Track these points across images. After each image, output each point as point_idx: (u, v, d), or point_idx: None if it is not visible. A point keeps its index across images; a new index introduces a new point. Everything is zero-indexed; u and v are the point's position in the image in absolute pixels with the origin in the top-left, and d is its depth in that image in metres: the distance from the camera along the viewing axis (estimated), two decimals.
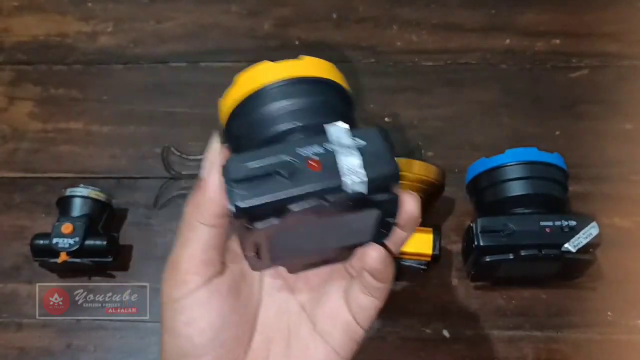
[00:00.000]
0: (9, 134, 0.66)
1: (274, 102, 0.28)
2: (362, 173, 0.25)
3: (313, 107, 0.28)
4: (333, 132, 0.26)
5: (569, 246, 0.51)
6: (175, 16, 0.71)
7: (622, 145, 0.63)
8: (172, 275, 0.29)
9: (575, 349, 0.56)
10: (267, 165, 0.25)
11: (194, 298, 0.28)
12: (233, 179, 0.25)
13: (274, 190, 0.25)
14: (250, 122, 0.29)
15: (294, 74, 0.28)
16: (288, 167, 0.25)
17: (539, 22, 0.69)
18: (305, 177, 0.25)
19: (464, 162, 0.59)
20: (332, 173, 0.25)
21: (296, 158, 0.25)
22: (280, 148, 0.26)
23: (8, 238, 0.62)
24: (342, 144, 0.26)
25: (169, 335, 0.29)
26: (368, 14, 0.70)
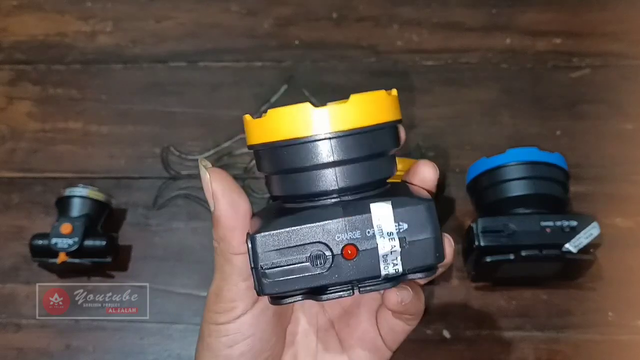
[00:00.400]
0: (8, 133, 0.66)
1: (312, 158, 0.24)
2: (399, 265, 0.24)
3: (360, 165, 0.25)
4: (375, 214, 0.24)
5: (569, 246, 0.51)
6: (174, 15, 0.71)
7: (623, 145, 0.63)
8: (217, 305, 0.29)
9: (576, 350, 0.55)
10: (299, 250, 0.24)
11: (238, 323, 0.28)
12: (261, 266, 0.24)
13: (303, 280, 0.24)
14: (281, 170, 0.25)
15: (339, 126, 0.24)
16: (321, 259, 0.24)
17: (540, 22, 0.68)
18: (339, 267, 0.24)
19: (464, 162, 0.59)
20: (367, 264, 0.24)
21: (332, 244, 0.24)
22: (315, 229, 0.24)
23: (7, 238, 0.62)
24: (383, 230, 0.24)
25: (208, 352, 0.29)
26: (368, 13, 0.70)
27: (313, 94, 0.66)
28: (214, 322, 0.29)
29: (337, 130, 0.24)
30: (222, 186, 0.26)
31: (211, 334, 0.29)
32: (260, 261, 0.24)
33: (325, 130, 0.24)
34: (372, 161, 0.25)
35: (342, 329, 0.32)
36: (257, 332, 0.29)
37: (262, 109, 0.65)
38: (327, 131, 0.24)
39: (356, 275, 0.24)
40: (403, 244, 0.24)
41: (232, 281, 0.28)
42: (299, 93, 0.66)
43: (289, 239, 0.24)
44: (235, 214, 0.26)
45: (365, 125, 0.25)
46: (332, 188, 0.25)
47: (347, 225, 0.24)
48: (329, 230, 0.24)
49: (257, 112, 0.65)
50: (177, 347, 0.57)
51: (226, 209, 0.26)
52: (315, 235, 0.24)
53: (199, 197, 0.62)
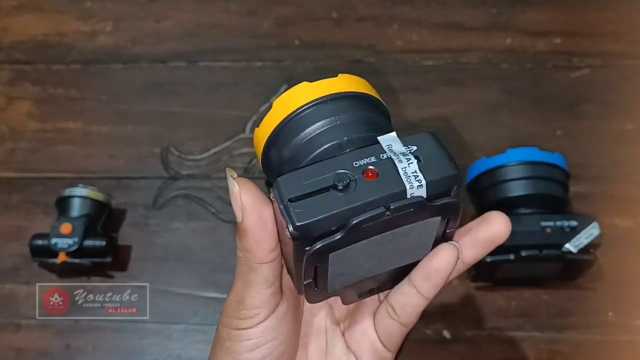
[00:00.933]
0: (7, 133, 0.66)
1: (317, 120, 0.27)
2: (420, 177, 0.24)
3: (357, 121, 0.27)
4: (385, 142, 0.25)
5: (569, 246, 0.51)
6: (174, 15, 0.71)
7: (623, 145, 0.63)
8: (240, 311, 0.28)
9: (576, 350, 0.55)
10: (321, 180, 0.24)
11: (261, 327, 0.28)
12: (288, 199, 0.24)
13: (333, 204, 0.24)
14: (294, 144, 0.27)
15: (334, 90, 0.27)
16: (344, 180, 0.24)
17: (540, 22, 0.68)
18: (363, 188, 0.24)
19: (464, 162, 0.59)
20: (390, 180, 0.24)
21: (351, 170, 0.24)
22: (334, 162, 0.25)
23: (6, 238, 0.61)
24: (396, 151, 0.25)
25: (227, 355, 0.29)
26: (368, 13, 0.70)
27: None
28: (235, 327, 0.29)
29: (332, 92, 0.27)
30: (251, 197, 0.26)
31: (232, 337, 0.29)
32: (287, 196, 0.24)
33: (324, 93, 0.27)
34: (370, 121, 0.27)
35: (346, 329, 0.32)
36: (278, 336, 0.29)
37: (261, 109, 0.65)
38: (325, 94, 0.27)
39: (383, 191, 0.24)
40: (418, 159, 0.25)
41: (256, 289, 0.28)
42: None
43: (309, 174, 0.24)
44: (263, 226, 0.26)
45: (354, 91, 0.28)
46: (342, 137, 0.26)
47: (361, 154, 0.25)
48: (345, 162, 0.25)
49: (257, 112, 0.65)
50: (177, 347, 0.57)
51: (255, 222, 0.26)
52: (334, 166, 0.25)
53: (198, 197, 0.62)
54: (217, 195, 0.63)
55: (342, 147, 0.26)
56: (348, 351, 0.32)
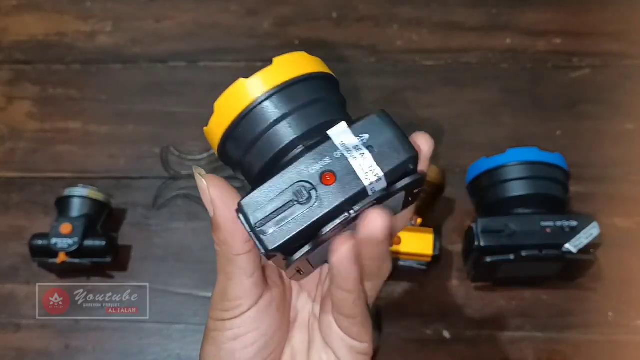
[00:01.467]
0: (7, 133, 0.66)
1: (262, 121, 0.26)
2: (376, 170, 0.24)
3: (304, 111, 0.26)
4: (336, 136, 0.25)
5: (569, 246, 0.51)
6: (174, 15, 0.71)
7: (623, 145, 0.63)
8: (223, 303, 0.29)
9: (576, 350, 0.55)
10: (282, 196, 0.24)
11: (244, 318, 0.29)
12: (255, 224, 0.24)
13: (298, 221, 0.24)
14: (245, 147, 0.27)
15: (272, 83, 0.26)
16: (303, 194, 0.24)
17: (540, 22, 0.68)
18: (324, 195, 0.24)
19: (464, 162, 0.59)
20: (348, 181, 0.24)
21: (309, 178, 0.24)
22: (291, 172, 0.25)
23: (6, 238, 0.61)
24: (348, 145, 0.25)
25: (212, 346, 0.30)
26: (368, 13, 0.70)
27: None
28: (220, 318, 0.29)
29: (272, 87, 0.26)
30: (219, 192, 0.27)
31: (216, 328, 0.29)
32: (252, 221, 0.25)
33: (263, 91, 0.26)
34: (313, 107, 0.26)
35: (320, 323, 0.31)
36: (261, 327, 0.29)
37: None
38: (265, 91, 0.26)
39: (343, 195, 0.24)
40: (371, 150, 0.24)
41: (236, 280, 0.28)
42: None
43: (270, 192, 0.25)
44: (234, 219, 0.26)
45: (293, 78, 0.26)
46: (291, 138, 0.26)
47: (315, 158, 0.25)
48: (301, 169, 0.25)
49: None
50: (176, 347, 0.57)
51: (225, 214, 0.27)
52: (291, 178, 0.24)
53: (198, 197, 0.62)
54: None
55: (296, 146, 0.26)
56: (326, 346, 0.31)
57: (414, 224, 0.54)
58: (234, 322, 0.29)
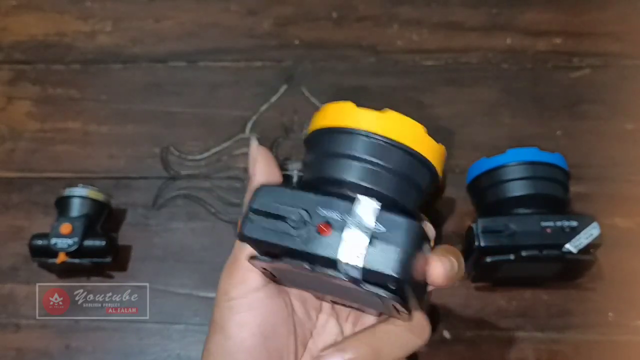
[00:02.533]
0: (7, 133, 0.66)
1: (346, 147, 0.27)
2: (360, 259, 0.24)
3: (374, 170, 0.27)
4: (360, 206, 0.25)
5: (569, 247, 0.51)
6: (174, 15, 0.71)
7: (623, 146, 0.63)
8: (232, 273, 0.29)
9: (577, 350, 0.55)
10: (287, 209, 0.26)
11: (250, 299, 0.29)
12: (253, 209, 0.26)
13: (277, 236, 0.26)
14: (317, 152, 0.28)
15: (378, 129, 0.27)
16: (299, 223, 0.25)
17: (540, 22, 0.68)
18: (309, 236, 0.25)
19: (464, 162, 0.59)
20: (333, 244, 0.25)
21: (313, 214, 0.25)
22: (307, 199, 0.26)
23: (6, 238, 0.61)
24: (361, 222, 0.25)
25: (219, 334, 0.29)
26: (368, 12, 0.70)
27: (313, 94, 0.66)
28: (226, 295, 0.29)
29: (373, 131, 0.27)
30: (265, 158, 0.28)
31: (223, 312, 0.29)
32: (255, 205, 0.26)
33: (369, 127, 0.27)
34: (388, 174, 0.27)
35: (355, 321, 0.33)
36: (267, 315, 0.29)
37: (262, 109, 0.65)
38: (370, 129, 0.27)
39: (320, 251, 0.25)
40: (372, 242, 0.24)
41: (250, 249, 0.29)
42: (299, 93, 0.66)
43: (284, 199, 0.26)
44: (267, 176, 0.28)
45: (396, 140, 0.27)
46: (341, 176, 0.27)
47: (332, 204, 0.25)
48: (316, 203, 0.26)
49: (257, 112, 0.65)
50: (176, 347, 0.57)
51: (264, 174, 0.28)
52: (304, 203, 0.26)
53: (198, 197, 0.62)
54: (217, 195, 0.62)
55: (342, 186, 0.27)
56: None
57: None
58: (241, 302, 0.29)
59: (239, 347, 0.29)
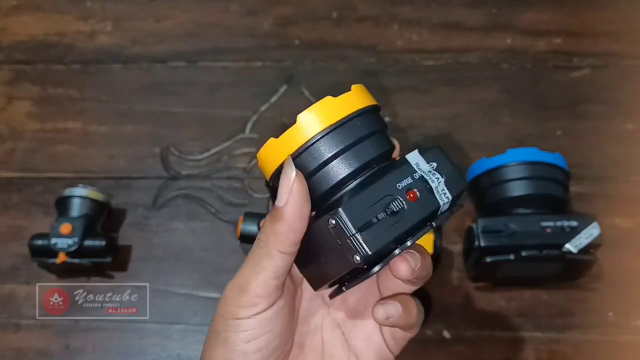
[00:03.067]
0: (7, 133, 0.66)
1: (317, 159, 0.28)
2: (447, 194, 0.28)
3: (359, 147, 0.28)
4: (413, 160, 0.28)
5: (570, 247, 0.51)
6: (174, 15, 0.71)
7: (623, 146, 0.62)
8: (241, 298, 0.29)
9: (577, 350, 0.55)
10: (377, 206, 0.27)
11: (258, 319, 0.29)
12: (358, 228, 0.26)
13: (391, 230, 0.27)
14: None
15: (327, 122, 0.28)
16: (396, 207, 0.27)
17: (540, 22, 0.68)
18: (410, 210, 0.27)
19: (464, 162, 0.59)
20: (428, 200, 0.27)
21: (397, 193, 0.27)
22: (382, 186, 0.27)
23: (6, 238, 0.61)
24: (424, 170, 0.28)
25: (223, 347, 0.29)
26: (368, 13, 0.70)
27: (313, 94, 0.66)
28: (233, 316, 0.29)
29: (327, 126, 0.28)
30: (302, 189, 0.27)
31: (229, 329, 0.29)
32: (354, 225, 0.26)
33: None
34: (381, 134, 0.29)
35: (349, 330, 0.32)
36: (275, 329, 0.29)
37: (262, 109, 0.65)
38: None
39: (424, 212, 0.27)
40: (442, 176, 0.28)
41: (264, 277, 0.28)
42: (299, 93, 0.66)
43: (365, 202, 0.27)
44: (302, 218, 0.27)
45: (367, 106, 0.29)
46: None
47: (399, 175, 0.27)
48: (390, 185, 0.27)
49: (257, 112, 0.65)
50: (176, 347, 0.57)
51: (296, 211, 0.27)
52: (383, 191, 0.27)
53: (199, 197, 0.62)
54: (217, 195, 0.62)
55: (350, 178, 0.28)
56: (349, 351, 0.32)
57: None
58: (250, 322, 0.29)
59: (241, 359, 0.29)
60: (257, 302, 0.29)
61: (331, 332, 0.33)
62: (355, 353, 0.32)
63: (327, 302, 0.33)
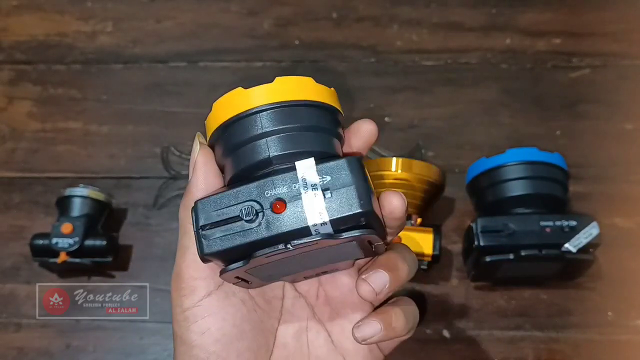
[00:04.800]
0: (8, 133, 0.66)
1: (249, 130, 0.27)
2: (324, 214, 0.25)
3: (293, 135, 0.27)
4: (301, 169, 0.26)
5: (569, 246, 0.51)
6: (174, 15, 0.71)
7: (622, 145, 0.63)
8: (179, 285, 0.29)
9: (576, 349, 0.56)
10: (233, 209, 0.25)
11: (205, 306, 0.28)
12: (200, 226, 0.26)
13: (238, 237, 0.25)
14: (227, 149, 0.28)
15: (271, 98, 0.27)
16: (251, 213, 0.25)
17: (539, 22, 0.69)
18: (270, 221, 0.25)
19: (464, 162, 0.59)
20: (296, 216, 0.25)
21: (262, 200, 0.25)
22: (248, 190, 0.26)
23: (7, 238, 0.62)
24: (308, 182, 0.25)
25: (183, 346, 0.29)
26: (368, 13, 0.70)
27: None
28: (180, 307, 0.29)
29: (263, 103, 0.27)
30: (205, 161, 0.27)
31: (181, 326, 0.29)
32: (201, 222, 0.26)
33: (255, 104, 0.27)
34: (300, 133, 0.27)
35: (334, 330, 0.32)
36: (226, 317, 0.28)
37: None
38: (256, 105, 0.27)
39: (286, 227, 0.25)
40: (326, 194, 0.25)
41: (190, 256, 0.28)
42: None
43: (225, 201, 0.26)
44: (206, 190, 0.27)
45: (288, 100, 0.27)
46: (264, 156, 0.27)
47: (275, 183, 0.25)
48: (259, 189, 0.25)
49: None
50: None
51: (200, 182, 0.27)
52: (247, 194, 0.26)
53: None
54: None
55: (270, 163, 0.27)
56: (336, 352, 0.31)
57: (414, 223, 0.54)
58: (196, 312, 0.28)
59: (205, 353, 0.28)
60: (195, 285, 0.28)
61: (316, 332, 0.32)
62: (342, 354, 0.31)
63: (311, 302, 0.32)
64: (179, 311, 0.29)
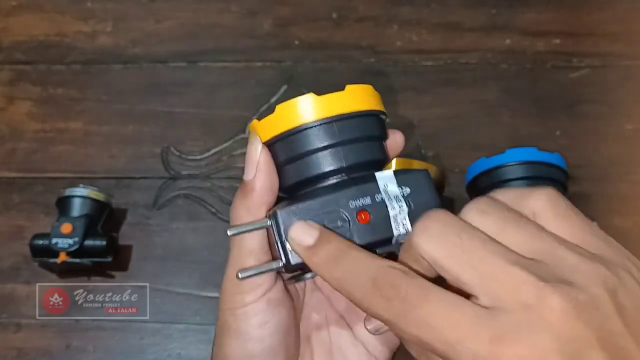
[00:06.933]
0: (8, 134, 0.66)
1: (316, 141, 0.27)
2: (407, 225, 0.26)
3: (357, 145, 0.27)
4: (382, 180, 0.26)
5: None
6: (174, 16, 0.71)
7: (623, 146, 0.63)
8: (241, 285, 0.28)
9: None
10: (316, 218, 0.26)
11: (267, 299, 0.28)
12: (286, 236, 0.26)
13: None
14: (289, 156, 0.27)
15: (338, 110, 0.27)
16: (337, 222, 0.26)
17: (539, 22, 0.69)
18: (355, 230, 0.26)
19: (464, 162, 0.59)
20: (380, 226, 0.26)
21: (347, 210, 0.26)
22: (332, 199, 0.26)
23: (7, 238, 0.62)
24: (390, 194, 0.26)
25: (237, 339, 0.29)
26: (368, 13, 0.70)
27: None
28: (241, 305, 0.28)
29: (339, 113, 0.27)
30: (268, 161, 0.27)
31: (239, 319, 0.28)
32: (286, 231, 0.26)
33: (328, 114, 0.27)
34: (370, 142, 0.28)
35: (353, 320, 0.32)
36: (283, 311, 0.29)
37: (262, 109, 0.66)
38: (329, 115, 0.27)
39: (372, 237, 0.26)
40: (409, 204, 0.26)
41: (254, 255, 0.28)
42: (299, 93, 0.66)
43: (308, 212, 0.26)
44: (272, 189, 0.27)
45: (362, 110, 0.27)
46: (339, 166, 0.27)
47: (357, 193, 0.26)
48: (342, 200, 0.26)
49: (257, 112, 0.66)
50: (177, 347, 0.57)
51: (265, 183, 0.27)
52: (331, 205, 0.26)
53: (199, 197, 0.63)
54: (217, 195, 0.63)
55: (337, 173, 0.27)
56: (356, 341, 0.32)
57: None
58: (258, 306, 0.28)
59: (260, 346, 0.28)
60: (259, 282, 0.28)
61: (336, 323, 0.32)
62: (362, 342, 0.32)
63: (328, 294, 0.33)
64: (238, 306, 0.28)
